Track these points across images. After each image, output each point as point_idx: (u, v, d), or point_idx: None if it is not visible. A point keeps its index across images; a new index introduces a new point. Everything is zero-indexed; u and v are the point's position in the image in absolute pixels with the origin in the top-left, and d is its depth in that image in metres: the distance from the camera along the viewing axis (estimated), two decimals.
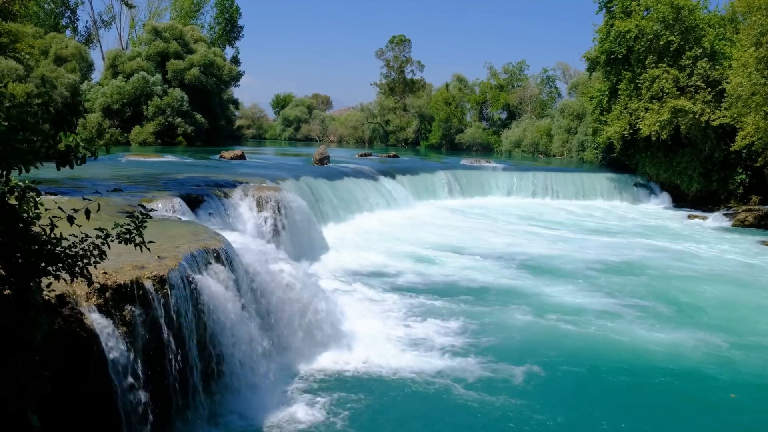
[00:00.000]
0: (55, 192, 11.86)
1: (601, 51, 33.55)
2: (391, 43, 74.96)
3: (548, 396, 8.88)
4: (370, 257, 16.79)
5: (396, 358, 9.78)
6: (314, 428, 7.65)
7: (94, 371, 5.96)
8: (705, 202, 31.41)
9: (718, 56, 30.23)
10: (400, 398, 8.57)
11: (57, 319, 5.61)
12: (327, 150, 30.26)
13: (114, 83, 47.41)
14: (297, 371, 9.18)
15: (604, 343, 11.03)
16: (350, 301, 12.64)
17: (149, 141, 46.45)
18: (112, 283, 6.42)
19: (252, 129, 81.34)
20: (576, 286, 14.84)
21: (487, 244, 19.68)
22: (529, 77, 68.64)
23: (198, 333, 7.55)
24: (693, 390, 9.37)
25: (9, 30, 29.99)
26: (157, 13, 66.63)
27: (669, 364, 10.14)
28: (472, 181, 32.80)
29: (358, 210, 23.06)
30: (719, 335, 11.61)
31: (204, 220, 13.28)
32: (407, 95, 75.08)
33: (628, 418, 8.36)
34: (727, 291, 15.17)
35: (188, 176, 18.63)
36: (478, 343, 10.71)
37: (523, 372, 9.53)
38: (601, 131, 34.94)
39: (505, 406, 8.40)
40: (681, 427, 8.34)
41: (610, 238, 22.13)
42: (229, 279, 8.38)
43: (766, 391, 9.47)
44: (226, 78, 54.97)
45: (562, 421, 8.15)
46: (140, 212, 5.48)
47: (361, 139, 76.30)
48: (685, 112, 29.45)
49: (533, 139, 57.55)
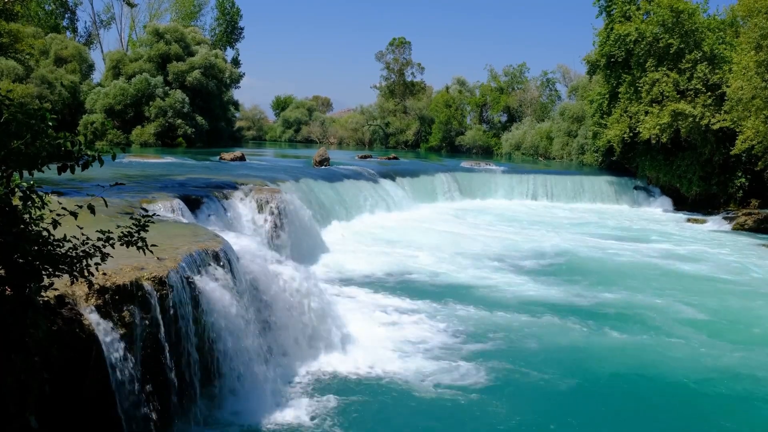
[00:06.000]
0: (60, 192, 11.85)
1: (601, 54, 33.61)
2: (391, 45, 75.01)
3: (544, 400, 8.90)
4: (370, 259, 16.79)
5: (394, 361, 9.79)
6: (312, 431, 7.66)
7: (94, 372, 5.97)
8: (705, 205, 31.43)
9: (718, 60, 30.26)
10: (398, 401, 8.57)
11: (56, 320, 5.61)
12: (327, 152, 30.27)
13: (116, 84, 47.51)
14: (295, 373, 9.19)
15: (606, 350, 11.04)
16: (349, 303, 12.65)
17: (150, 142, 46.56)
18: (111, 284, 6.42)
19: (252, 130, 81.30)
20: (573, 289, 14.86)
21: (486, 246, 19.68)
22: (530, 80, 68.68)
23: (197, 334, 7.56)
24: (686, 395, 9.36)
25: (10, 30, 30.05)
26: (158, 14, 66.76)
27: (664, 371, 10.13)
28: (472, 183, 32.82)
29: (357, 212, 23.06)
30: (718, 338, 11.62)
31: (204, 221, 13.29)
32: (407, 97, 75.10)
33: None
34: (726, 294, 15.15)
35: (188, 177, 18.65)
36: (479, 346, 10.71)
37: (523, 374, 9.55)
38: (601, 134, 34.98)
39: (505, 409, 8.41)
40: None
41: (608, 240, 22.12)
42: (229, 280, 8.38)
43: (764, 396, 9.47)
44: (227, 80, 55.05)
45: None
46: (142, 215, 5.49)
47: (361, 141, 76.28)
48: (685, 116, 29.47)
49: (533, 141, 57.56)
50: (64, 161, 4.53)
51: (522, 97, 66.52)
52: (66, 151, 4.48)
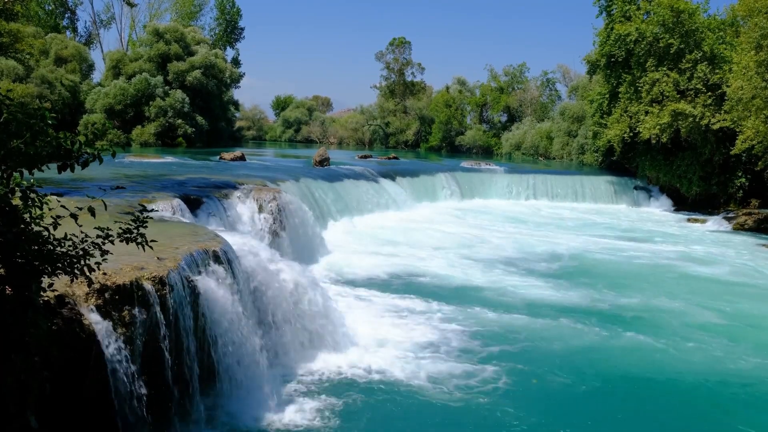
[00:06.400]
0: (60, 193, 11.85)
1: (602, 54, 33.59)
2: (391, 45, 74.99)
3: (544, 401, 8.89)
4: (370, 259, 16.79)
5: (395, 361, 9.77)
6: (311, 431, 7.65)
7: (94, 372, 5.97)
8: (705, 205, 31.42)
9: (718, 60, 30.25)
10: (399, 402, 8.55)
11: (56, 320, 5.61)
12: (327, 152, 30.26)
13: (117, 84, 47.54)
14: (295, 373, 9.18)
15: (598, 350, 11.03)
16: (349, 303, 12.64)
17: (150, 142, 46.60)
18: (111, 284, 6.42)
19: (252, 130, 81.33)
20: (571, 289, 14.85)
21: (486, 246, 19.68)
22: (530, 80, 68.72)
23: (197, 334, 7.56)
24: (686, 396, 9.34)
25: (10, 30, 30.07)
26: (158, 14, 66.80)
27: (666, 370, 10.12)
28: (472, 183, 32.82)
29: (357, 212, 23.07)
30: (717, 339, 11.61)
31: (204, 221, 13.29)
32: (407, 97, 75.11)
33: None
34: (726, 294, 15.14)
35: (188, 177, 18.64)
36: (480, 347, 10.70)
37: (523, 374, 9.54)
38: (601, 134, 34.96)
39: (506, 411, 8.40)
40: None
41: (607, 240, 22.11)
42: (229, 280, 8.38)
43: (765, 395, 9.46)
44: (227, 79, 55.06)
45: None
46: (140, 211, 5.48)
47: (361, 141, 76.29)
48: (685, 116, 29.46)
49: (533, 141, 57.56)
50: (64, 160, 4.52)
51: (522, 97, 66.54)
52: (66, 150, 4.47)
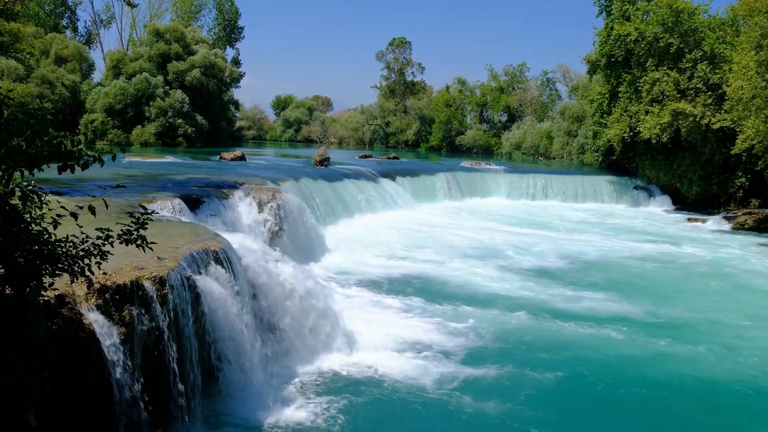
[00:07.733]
0: (60, 192, 11.86)
1: (602, 54, 33.60)
2: (391, 45, 74.97)
3: (543, 400, 8.89)
4: (370, 259, 16.79)
5: (396, 362, 9.76)
6: (312, 431, 7.65)
7: (94, 371, 5.97)
8: (705, 205, 31.42)
9: (719, 59, 30.25)
10: (399, 402, 8.55)
11: (57, 320, 5.61)
12: (327, 151, 30.26)
13: (117, 84, 47.54)
14: (296, 373, 9.17)
15: (607, 352, 11.04)
16: (350, 303, 12.63)
17: (150, 142, 46.60)
18: (111, 284, 6.42)
19: (252, 130, 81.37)
20: (572, 289, 14.85)
21: (486, 246, 19.67)
22: (530, 79, 68.74)
23: (197, 334, 7.56)
24: (686, 398, 9.34)
25: (10, 30, 30.06)
26: (158, 14, 66.84)
27: (662, 370, 10.11)
28: (472, 183, 32.82)
29: (358, 211, 23.07)
30: (718, 340, 11.61)
31: (204, 221, 13.28)
32: (408, 97, 75.11)
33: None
34: (726, 294, 15.15)
35: (189, 177, 18.64)
36: (480, 347, 10.70)
37: (521, 375, 9.55)
38: (602, 134, 34.97)
39: (506, 412, 8.40)
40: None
41: (607, 240, 22.11)
42: (229, 280, 8.38)
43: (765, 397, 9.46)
44: (227, 79, 55.03)
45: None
46: (141, 213, 5.49)
47: (362, 141, 76.31)
48: (685, 115, 29.46)
49: (533, 141, 57.56)
50: (65, 161, 4.52)
51: (522, 97, 66.54)
52: (66, 150, 4.47)
